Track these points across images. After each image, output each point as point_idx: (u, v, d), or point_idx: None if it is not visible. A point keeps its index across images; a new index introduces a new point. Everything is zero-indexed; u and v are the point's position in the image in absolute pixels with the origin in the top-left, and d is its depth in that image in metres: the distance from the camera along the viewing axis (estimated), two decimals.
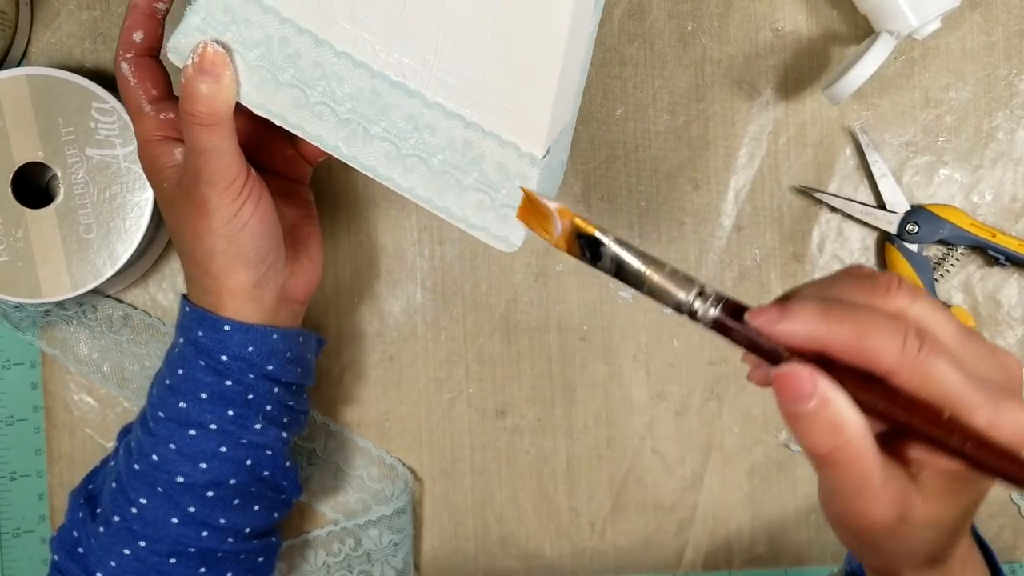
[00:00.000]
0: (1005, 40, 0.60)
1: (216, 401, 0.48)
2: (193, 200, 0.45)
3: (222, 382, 0.48)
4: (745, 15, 0.59)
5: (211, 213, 0.45)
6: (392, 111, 0.44)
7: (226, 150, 0.44)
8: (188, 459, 0.48)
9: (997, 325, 0.61)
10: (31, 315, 0.58)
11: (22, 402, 0.60)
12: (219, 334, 0.47)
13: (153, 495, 0.48)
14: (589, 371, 0.61)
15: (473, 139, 0.44)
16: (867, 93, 0.60)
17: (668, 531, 0.61)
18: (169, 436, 0.48)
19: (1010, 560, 0.61)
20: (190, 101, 0.43)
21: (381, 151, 0.44)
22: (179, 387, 0.48)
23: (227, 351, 0.48)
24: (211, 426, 0.48)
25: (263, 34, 0.44)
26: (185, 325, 0.49)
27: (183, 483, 0.48)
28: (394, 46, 0.43)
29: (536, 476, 0.61)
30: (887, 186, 0.59)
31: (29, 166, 0.54)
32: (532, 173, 0.44)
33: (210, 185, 0.44)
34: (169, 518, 0.48)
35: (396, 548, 0.59)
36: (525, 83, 0.43)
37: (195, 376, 0.48)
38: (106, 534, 0.48)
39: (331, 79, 0.44)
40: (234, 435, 0.48)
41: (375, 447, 0.60)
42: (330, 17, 0.43)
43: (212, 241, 0.45)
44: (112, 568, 0.48)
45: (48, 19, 0.59)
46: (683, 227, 0.59)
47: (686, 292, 0.35)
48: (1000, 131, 0.60)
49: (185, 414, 0.48)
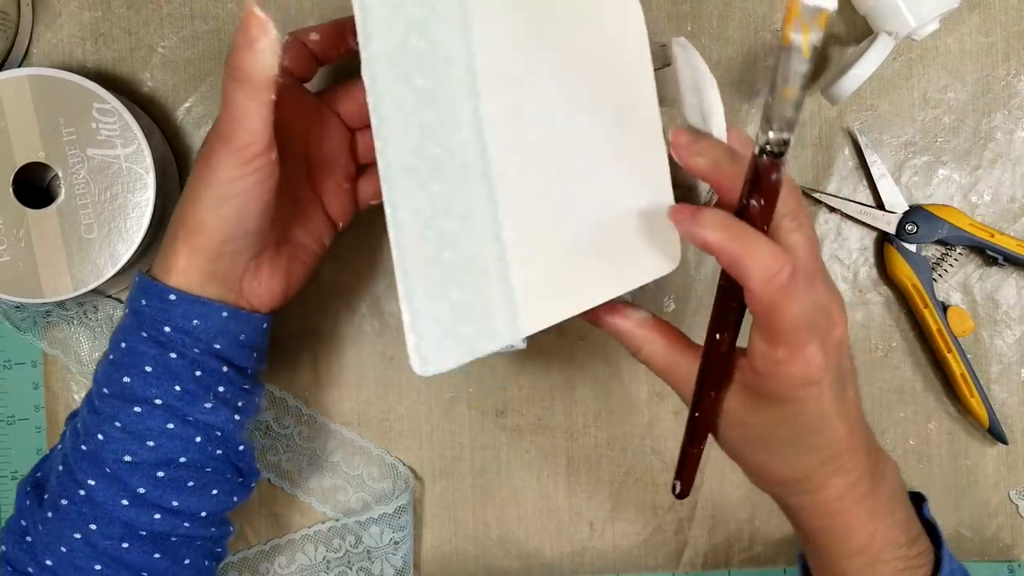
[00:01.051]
0: (1004, 41, 0.60)
1: (162, 375, 0.46)
2: (204, 148, 0.45)
3: (166, 354, 0.46)
4: (744, 16, 0.60)
5: (213, 167, 0.44)
6: (458, 196, 0.42)
7: (250, 114, 0.42)
8: (134, 437, 0.46)
9: (995, 325, 0.61)
10: (32, 315, 0.58)
11: (23, 402, 0.60)
12: (163, 303, 0.46)
13: (101, 476, 0.46)
14: (589, 371, 0.61)
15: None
16: (866, 94, 0.60)
17: (668, 531, 0.61)
18: (114, 414, 0.46)
19: (1008, 559, 0.61)
20: (231, 51, 0.42)
21: (413, 206, 0.41)
22: (122, 361, 0.46)
23: (170, 322, 0.46)
24: (156, 401, 0.46)
25: (437, 32, 0.41)
26: (131, 296, 0.47)
27: (131, 462, 0.46)
28: (517, 161, 0.43)
29: (536, 476, 0.61)
30: (886, 186, 0.59)
31: (30, 166, 0.54)
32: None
33: (223, 141, 0.43)
34: (119, 500, 0.46)
35: (397, 546, 0.59)
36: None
37: (138, 348, 0.46)
38: (55, 519, 0.47)
39: (447, 120, 0.41)
40: (181, 412, 0.47)
41: (375, 447, 0.60)
42: (497, 76, 0.42)
43: (199, 191, 0.44)
44: (63, 554, 0.47)
45: (49, 20, 0.59)
46: None
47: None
48: (998, 131, 0.60)
49: (129, 389, 0.46)
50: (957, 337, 0.58)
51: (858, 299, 0.61)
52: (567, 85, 0.45)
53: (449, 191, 0.41)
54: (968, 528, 0.61)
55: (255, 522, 0.60)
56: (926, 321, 0.59)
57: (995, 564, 0.61)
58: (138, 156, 0.54)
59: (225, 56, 0.43)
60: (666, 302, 0.60)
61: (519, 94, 0.43)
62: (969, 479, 0.61)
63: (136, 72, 0.59)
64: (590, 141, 0.45)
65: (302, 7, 0.59)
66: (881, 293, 0.61)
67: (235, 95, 0.42)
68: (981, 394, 0.59)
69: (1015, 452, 0.61)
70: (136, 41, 0.59)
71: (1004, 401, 0.61)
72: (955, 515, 0.61)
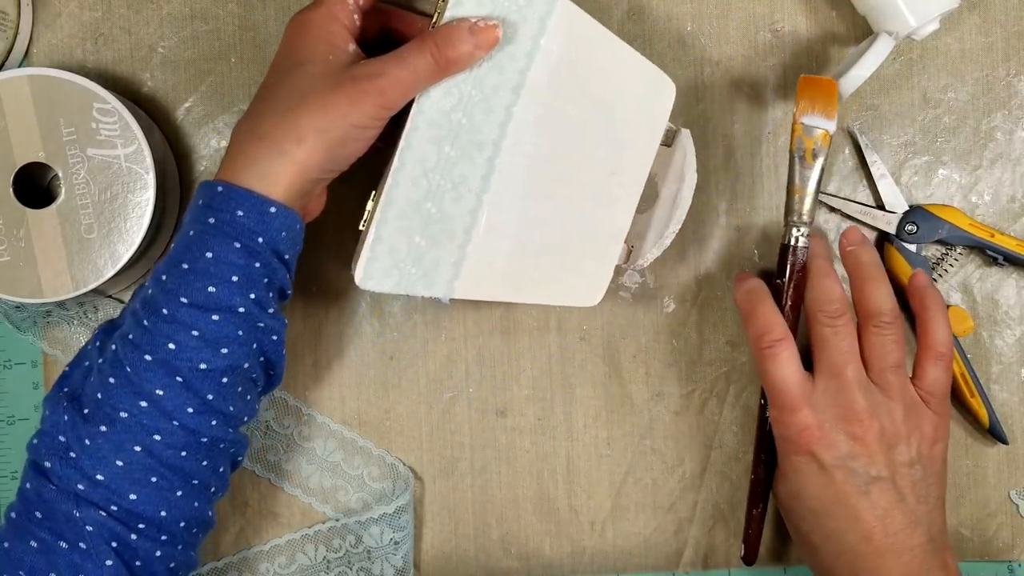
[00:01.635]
0: (1004, 41, 0.60)
1: (244, 283, 0.47)
2: (357, 87, 0.47)
3: (252, 263, 0.47)
4: (744, 16, 0.60)
5: (353, 108, 0.46)
6: (462, 165, 0.50)
7: (417, 88, 0.48)
8: (210, 345, 0.47)
9: (995, 325, 0.61)
10: (32, 315, 0.58)
11: (23, 402, 0.60)
12: (263, 216, 0.47)
13: (171, 385, 0.46)
14: (589, 371, 0.61)
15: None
16: (866, 93, 0.60)
17: (668, 531, 0.61)
18: (193, 322, 0.46)
19: (1008, 559, 0.61)
20: (451, 46, 0.47)
21: (422, 155, 0.49)
22: (208, 270, 0.47)
23: (265, 234, 0.47)
24: (239, 309, 0.47)
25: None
26: (216, 206, 0.47)
27: (205, 369, 0.47)
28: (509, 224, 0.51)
29: (536, 476, 0.61)
30: (886, 186, 0.59)
31: (30, 166, 0.54)
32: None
33: (380, 94, 0.47)
34: (185, 407, 0.47)
35: (397, 547, 0.59)
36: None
37: (228, 259, 0.47)
38: (110, 432, 0.46)
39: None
40: (254, 318, 0.48)
41: (375, 447, 0.60)
42: (514, 145, 0.50)
43: (326, 122, 0.47)
44: (118, 468, 0.46)
45: (49, 20, 0.59)
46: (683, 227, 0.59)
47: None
48: (998, 131, 0.60)
49: (215, 298, 0.46)
50: (957, 337, 0.58)
51: None
52: (584, 131, 0.52)
53: (456, 157, 0.49)
54: (968, 528, 0.61)
55: (255, 522, 0.60)
56: None
57: (995, 564, 0.61)
58: (138, 156, 0.54)
59: (430, 30, 0.48)
60: (666, 302, 0.60)
61: (547, 120, 0.51)
62: (969, 479, 0.61)
63: (136, 72, 0.59)
64: (581, 178, 0.53)
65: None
66: None
67: (424, 70, 0.47)
68: (981, 394, 0.59)
69: (1015, 452, 0.61)
70: (136, 41, 0.59)
71: (1004, 401, 0.61)
72: (955, 515, 0.61)
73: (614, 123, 0.53)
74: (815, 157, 0.53)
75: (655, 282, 0.60)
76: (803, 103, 0.54)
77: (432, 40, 0.47)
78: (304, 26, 0.49)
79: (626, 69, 0.53)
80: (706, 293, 0.60)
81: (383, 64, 0.47)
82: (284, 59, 0.49)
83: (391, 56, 0.47)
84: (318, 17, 0.49)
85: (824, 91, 0.54)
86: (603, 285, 0.55)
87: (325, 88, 0.47)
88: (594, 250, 0.54)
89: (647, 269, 0.60)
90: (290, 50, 0.49)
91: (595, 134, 0.52)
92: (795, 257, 0.55)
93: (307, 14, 0.50)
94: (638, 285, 0.60)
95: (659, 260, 0.59)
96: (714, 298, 0.60)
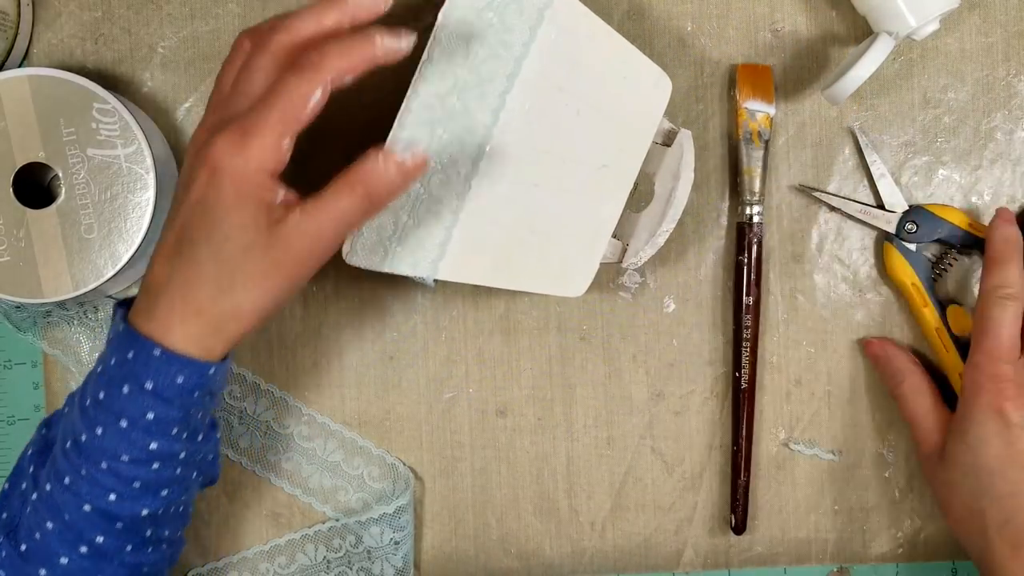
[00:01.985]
0: (1004, 41, 0.60)
1: (182, 428, 0.47)
2: (296, 259, 0.44)
3: (188, 412, 0.46)
4: (744, 16, 0.60)
5: (301, 273, 0.45)
6: (453, 147, 0.49)
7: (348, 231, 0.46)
8: (151, 490, 0.47)
9: None
10: (32, 315, 0.58)
11: (24, 402, 0.60)
12: (202, 376, 0.45)
13: (111, 531, 0.47)
14: (589, 371, 0.61)
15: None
16: (866, 94, 0.60)
17: (668, 531, 0.61)
18: (134, 474, 0.46)
19: None
20: (378, 184, 0.44)
21: (414, 135, 0.49)
22: (150, 429, 0.46)
23: (202, 386, 0.46)
24: (180, 455, 0.47)
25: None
26: (153, 372, 0.44)
27: (147, 514, 0.47)
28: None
29: (536, 476, 0.61)
30: (886, 186, 0.59)
31: (30, 166, 0.54)
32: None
33: (323, 257, 0.45)
34: (125, 547, 0.47)
35: (397, 547, 0.59)
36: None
37: (168, 416, 0.46)
38: (49, 573, 0.47)
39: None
40: (192, 454, 0.48)
41: (375, 447, 0.60)
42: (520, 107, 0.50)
43: (271, 299, 0.45)
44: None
45: (49, 20, 0.59)
46: (683, 227, 0.60)
47: None
48: (999, 132, 0.60)
49: (155, 453, 0.46)
50: (956, 336, 0.58)
51: (858, 299, 0.61)
52: (577, 122, 0.52)
53: (448, 140, 0.49)
54: None
55: (255, 522, 0.61)
56: (925, 320, 0.59)
57: None
58: (138, 156, 0.54)
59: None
60: (666, 302, 0.60)
61: (540, 109, 0.51)
62: None
63: (136, 72, 0.59)
64: (572, 168, 0.53)
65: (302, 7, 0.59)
66: (881, 293, 0.61)
67: (356, 215, 0.44)
68: None
69: None
70: (136, 41, 0.59)
71: None
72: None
73: (608, 116, 0.53)
74: (761, 138, 0.58)
75: (655, 282, 0.60)
76: (744, 90, 0.58)
77: (358, 182, 0.44)
78: (227, 179, 0.43)
79: (623, 63, 0.53)
80: (706, 293, 0.60)
81: (318, 223, 0.44)
82: (201, 206, 0.43)
83: (323, 211, 0.44)
84: (247, 173, 0.42)
85: (762, 78, 0.58)
86: (588, 276, 0.55)
87: (261, 265, 0.43)
88: (581, 241, 0.55)
89: (647, 269, 0.60)
90: (208, 201, 0.43)
91: (588, 126, 0.53)
92: (751, 233, 0.58)
93: (231, 163, 0.42)
94: (638, 285, 0.60)
95: (659, 260, 0.59)
96: (714, 298, 0.60)
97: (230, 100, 0.45)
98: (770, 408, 0.61)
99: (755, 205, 0.58)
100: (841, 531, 0.61)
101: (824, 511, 0.61)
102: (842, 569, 0.61)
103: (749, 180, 0.58)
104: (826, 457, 0.61)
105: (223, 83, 0.46)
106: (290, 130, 0.43)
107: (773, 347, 0.60)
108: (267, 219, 0.43)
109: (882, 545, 0.61)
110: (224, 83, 0.46)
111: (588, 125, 0.53)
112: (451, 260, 0.51)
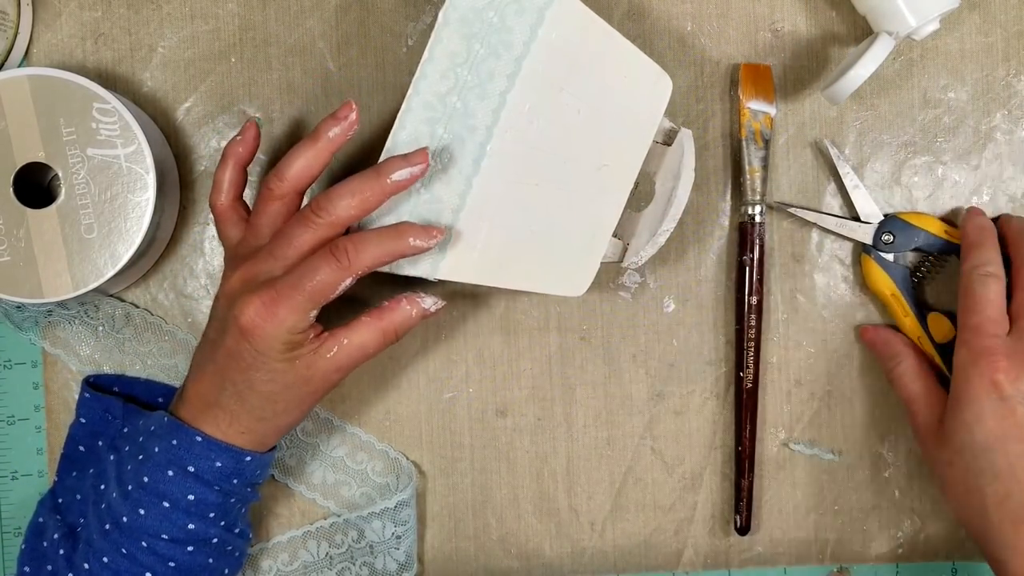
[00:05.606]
0: (1003, 41, 0.60)
1: (219, 514, 0.52)
2: (327, 381, 0.50)
3: (228, 500, 0.52)
4: (744, 16, 0.60)
5: (327, 389, 0.51)
6: (453, 147, 0.50)
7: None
8: (184, 571, 0.52)
9: None
10: (33, 315, 0.58)
11: (24, 402, 0.60)
12: (245, 467, 0.51)
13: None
14: (589, 371, 0.61)
15: None
16: (866, 94, 0.60)
17: (668, 531, 0.61)
18: (171, 554, 0.51)
19: None
20: (399, 320, 0.51)
21: (415, 136, 0.49)
22: (190, 510, 0.51)
23: (240, 475, 0.51)
24: (213, 540, 0.52)
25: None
26: (232, 475, 0.51)
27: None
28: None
29: (536, 476, 0.61)
30: (860, 197, 0.59)
31: (30, 166, 0.54)
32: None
33: (346, 370, 0.50)
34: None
35: (399, 541, 0.59)
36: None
37: (207, 499, 0.51)
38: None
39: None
40: (224, 543, 0.53)
41: (378, 441, 0.60)
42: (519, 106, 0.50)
43: (304, 414, 0.52)
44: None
45: (49, 20, 0.59)
46: (683, 227, 0.60)
47: None
48: (998, 131, 0.60)
49: (193, 533, 0.51)
50: (938, 343, 0.58)
51: (858, 299, 0.61)
52: (578, 122, 0.52)
53: (449, 140, 0.49)
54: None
55: (258, 520, 0.60)
56: (907, 330, 0.59)
57: None
58: (138, 156, 0.54)
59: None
60: (666, 302, 0.60)
61: (540, 108, 0.51)
62: None
63: (136, 72, 0.59)
64: (572, 168, 0.53)
65: (302, 7, 0.59)
66: None
67: (374, 347, 0.50)
68: None
69: None
70: (136, 41, 0.59)
71: None
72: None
73: (608, 116, 0.53)
74: (763, 138, 0.58)
75: (655, 282, 0.60)
76: (747, 90, 0.58)
77: (390, 327, 0.50)
78: (258, 339, 0.48)
79: (623, 63, 0.53)
80: (706, 293, 0.60)
81: (347, 353, 0.50)
82: (235, 360, 0.49)
83: (352, 343, 0.50)
84: (277, 335, 0.48)
85: (763, 77, 0.58)
86: (589, 276, 0.55)
87: (299, 394, 0.50)
88: (582, 241, 0.55)
89: (647, 269, 0.60)
90: (242, 356, 0.49)
91: (588, 126, 0.53)
92: (755, 232, 0.58)
93: (262, 328, 0.48)
94: (638, 285, 0.60)
95: (659, 260, 0.59)
96: (715, 298, 0.60)
97: (265, 258, 0.49)
98: (770, 408, 0.61)
99: (758, 205, 0.58)
100: (841, 531, 0.61)
101: (824, 511, 0.61)
102: (842, 569, 0.61)
103: (752, 180, 0.58)
104: (826, 457, 0.61)
105: (257, 227, 0.51)
106: (317, 305, 0.48)
107: (773, 347, 0.60)
108: (299, 360, 0.49)
109: (882, 545, 0.61)
110: (259, 227, 0.51)
111: (589, 124, 0.53)
112: (451, 260, 0.51)
